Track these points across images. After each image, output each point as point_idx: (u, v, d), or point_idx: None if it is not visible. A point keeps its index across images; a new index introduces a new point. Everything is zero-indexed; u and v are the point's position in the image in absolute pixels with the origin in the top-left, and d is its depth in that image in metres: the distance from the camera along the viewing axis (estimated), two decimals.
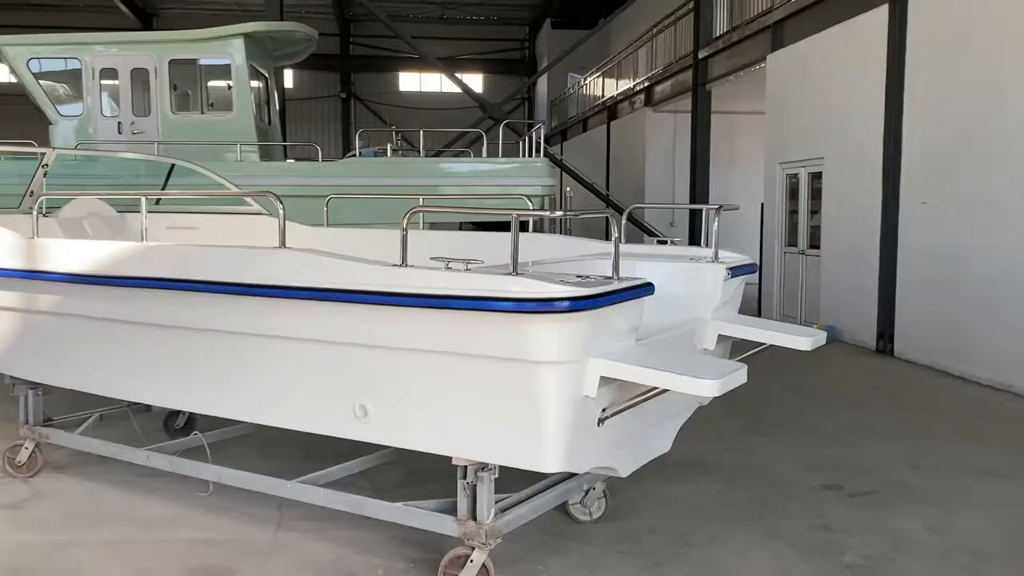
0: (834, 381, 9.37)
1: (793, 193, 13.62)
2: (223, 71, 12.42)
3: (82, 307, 4.72)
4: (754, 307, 14.84)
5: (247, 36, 12.25)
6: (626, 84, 22.99)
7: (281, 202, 3.98)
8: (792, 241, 13.62)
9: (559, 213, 3.65)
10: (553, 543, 4.65)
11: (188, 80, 12.85)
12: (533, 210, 3.51)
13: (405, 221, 3.54)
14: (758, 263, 4.49)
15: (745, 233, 16.47)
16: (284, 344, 3.93)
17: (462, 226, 23.20)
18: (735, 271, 4.56)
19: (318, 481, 4.63)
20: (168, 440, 5.85)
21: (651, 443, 4.32)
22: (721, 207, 4.64)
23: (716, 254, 4.63)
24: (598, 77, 26.38)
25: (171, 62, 12.41)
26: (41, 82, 12.17)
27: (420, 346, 3.54)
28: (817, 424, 7.34)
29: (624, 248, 5.24)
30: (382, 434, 3.84)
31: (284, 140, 15.53)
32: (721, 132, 19.44)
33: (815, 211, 12.91)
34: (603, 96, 25.47)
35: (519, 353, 3.34)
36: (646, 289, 3.58)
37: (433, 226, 11.61)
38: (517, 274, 3.32)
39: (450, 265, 3.43)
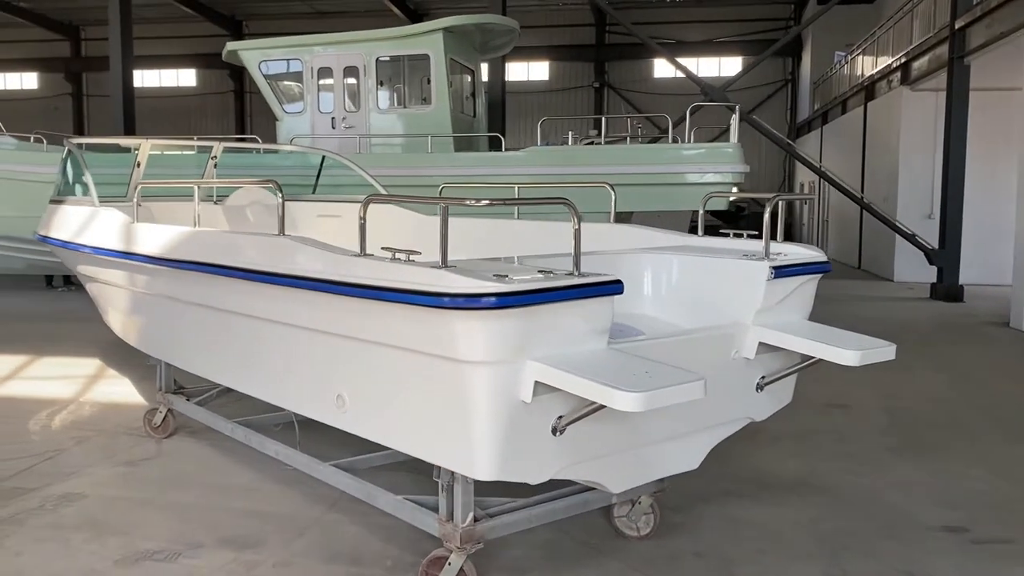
0: None
1: None
2: (425, 66, 12.95)
3: (149, 285, 5.18)
4: (1005, 317, 12.89)
5: (446, 31, 12.66)
6: (885, 61, 20.90)
7: (281, 190, 4.07)
8: None
9: (484, 202, 3.37)
10: (581, 554, 4.37)
11: (394, 76, 13.55)
12: (466, 198, 3.27)
13: (363, 210, 3.47)
14: (826, 262, 3.75)
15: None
16: (281, 329, 4.03)
17: (694, 215, 22.45)
18: (784, 270, 3.96)
19: (357, 466, 4.71)
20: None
21: (661, 459, 3.89)
22: (777, 196, 4.05)
23: (767, 250, 4.06)
24: (859, 55, 24.23)
25: (378, 59, 13.16)
26: (270, 82, 13.46)
27: (371, 338, 3.47)
28: (991, 452, 6.23)
29: (677, 240, 4.81)
30: (357, 425, 3.82)
31: (501, 132, 15.88)
32: (997, 112, 17.07)
33: None
34: (862, 75, 23.35)
35: (447, 351, 3.16)
36: (608, 287, 3.22)
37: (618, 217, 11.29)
38: (446, 267, 3.13)
39: (397, 256, 3.32)
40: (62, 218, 6.37)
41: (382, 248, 3.38)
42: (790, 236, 32.98)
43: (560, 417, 3.31)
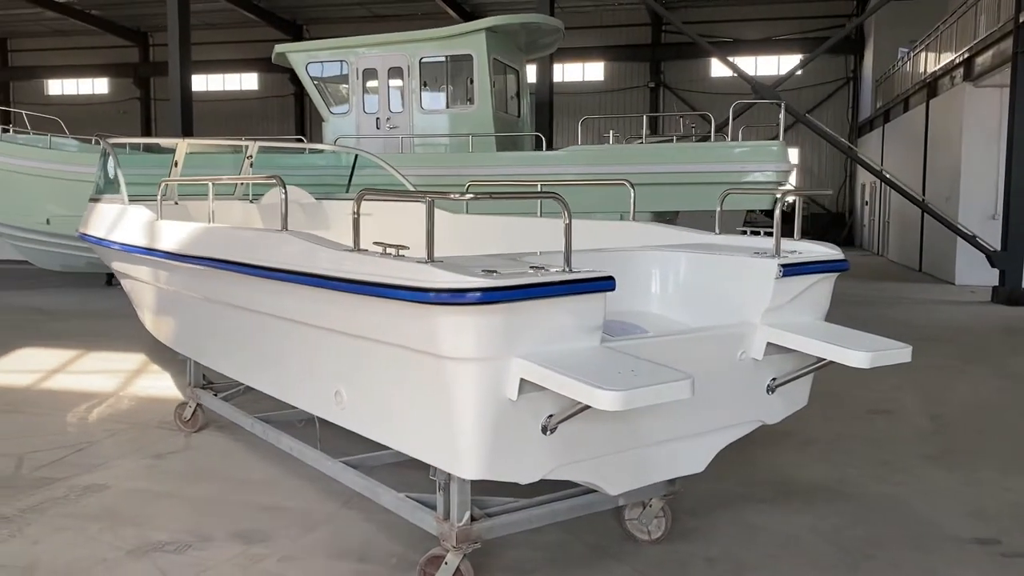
0: None
1: None
2: (468, 66, 12.96)
3: (168, 280, 5.27)
4: None
5: (489, 31, 12.65)
6: (948, 57, 20.23)
7: (284, 187, 4.09)
8: None
9: (468, 197, 3.32)
10: (589, 557, 4.29)
11: (438, 76, 13.60)
12: (451, 193, 3.23)
13: (356, 206, 3.46)
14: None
15: None
16: (284, 325, 4.05)
17: (748, 214, 22.06)
18: (794, 269, 3.83)
19: (368, 463, 4.71)
20: None
21: (664, 460, 3.78)
22: (786, 192, 3.92)
23: (777, 248, 3.92)
24: (922, 51, 23.50)
25: (422, 60, 13.23)
26: (317, 83, 13.64)
27: (362, 334, 3.46)
28: None
29: (692, 237, 4.70)
30: (354, 421, 3.81)
31: (547, 131, 15.82)
32: None
33: None
34: (924, 72, 22.65)
35: (432, 347, 3.12)
36: (598, 283, 3.14)
37: (662, 216, 11.14)
38: (432, 262, 3.09)
39: (387, 250, 3.30)
40: (98, 216, 6.53)
41: (373, 243, 3.36)
42: (850, 239, 32.15)
43: (551, 416, 3.25)
